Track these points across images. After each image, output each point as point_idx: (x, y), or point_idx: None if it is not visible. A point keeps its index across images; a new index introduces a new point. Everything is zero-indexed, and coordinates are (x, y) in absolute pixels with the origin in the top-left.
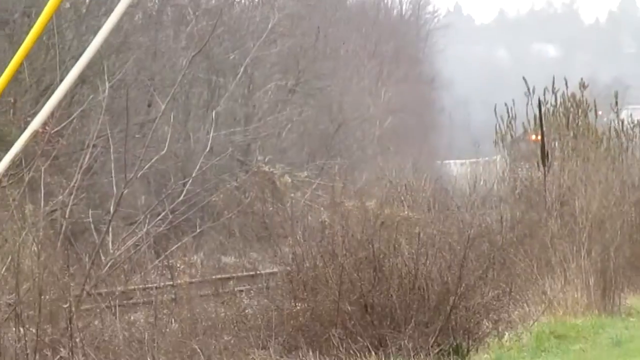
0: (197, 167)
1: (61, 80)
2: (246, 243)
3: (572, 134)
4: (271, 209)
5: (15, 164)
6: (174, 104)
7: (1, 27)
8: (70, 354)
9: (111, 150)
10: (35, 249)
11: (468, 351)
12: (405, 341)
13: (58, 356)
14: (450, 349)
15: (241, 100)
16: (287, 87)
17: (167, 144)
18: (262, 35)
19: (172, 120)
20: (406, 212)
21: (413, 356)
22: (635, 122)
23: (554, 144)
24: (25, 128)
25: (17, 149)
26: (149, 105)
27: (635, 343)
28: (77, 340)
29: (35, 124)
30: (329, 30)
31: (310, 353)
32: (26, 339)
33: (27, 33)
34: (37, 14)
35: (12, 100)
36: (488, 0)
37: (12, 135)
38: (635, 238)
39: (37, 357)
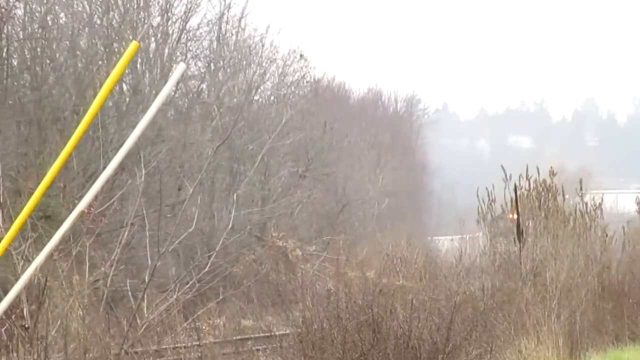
0: (220, 242)
1: (104, 168)
2: (262, 308)
3: (543, 215)
4: (284, 278)
5: (64, 240)
6: (200, 188)
7: (54, 122)
8: None
9: (146, 228)
10: (81, 313)
11: None
12: None
13: None
14: None
15: (258, 184)
16: (298, 173)
17: (194, 223)
18: (276, 128)
19: (199, 202)
20: (401, 281)
21: None
22: (597, 205)
23: (528, 223)
24: (73, 209)
25: (66, 227)
26: (179, 189)
27: None
28: None
29: (82, 205)
30: (334, 124)
31: None
32: None
33: (75, 128)
34: (85, 112)
35: (62, 185)
36: (471, 99)
37: (62, 215)
38: (598, 305)
39: None
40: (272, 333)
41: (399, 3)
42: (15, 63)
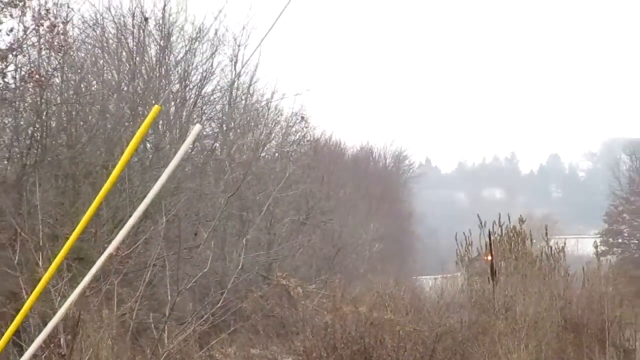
0: (231, 281)
1: (130, 216)
2: (268, 338)
3: (513, 257)
4: (287, 312)
5: (95, 279)
6: (214, 233)
7: (86, 176)
8: None
9: (167, 268)
10: (110, 342)
11: None
12: None
13: None
14: None
15: (264, 230)
16: (299, 220)
17: (208, 264)
18: (280, 181)
19: (212, 245)
20: (389, 315)
21: None
22: (560, 248)
23: (500, 264)
24: (103, 252)
25: (97, 267)
26: (195, 234)
27: None
28: None
29: (111, 248)
30: (331, 177)
31: None
32: None
33: (105, 181)
34: (113, 167)
35: (94, 231)
36: (450, 155)
37: (93, 257)
38: (561, 335)
39: None
40: None
41: (389, 72)
42: (53, 125)
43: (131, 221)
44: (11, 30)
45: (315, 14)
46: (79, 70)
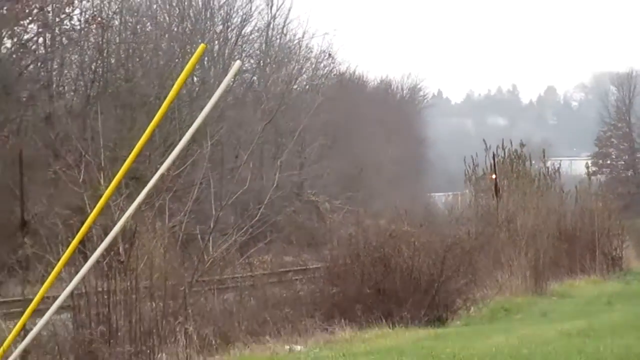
0: (267, 197)
1: (179, 141)
2: (300, 248)
3: (515, 176)
4: (316, 225)
5: (149, 196)
6: (252, 156)
7: (142, 106)
8: (185, 319)
9: (211, 186)
10: (162, 251)
11: (446, 320)
12: (405, 313)
13: (177, 321)
14: (435, 319)
15: (296, 153)
16: (327, 145)
17: (247, 183)
18: (310, 111)
19: (251, 166)
20: (406, 227)
21: (410, 324)
22: (556, 169)
23: (503, 182)
24: (156, 172)
25: (150, 185)
26: (236, 157)
27: (556, 314)
28: (189, 311)
29: (163, 169)
30: (354, 107)
31: (342, 321)
32: (157, 309)
33: (158, 110)
34: (165, 98)
35: (148, 154)
36: (459, 87)
37: (147, 177)
38: (556, 245)
39: (164, 322)
40: (307, 267)
41: (407, 11)
42: (112, 61)
43: (180, 145)
44: None
45: None
46: (135, 14)
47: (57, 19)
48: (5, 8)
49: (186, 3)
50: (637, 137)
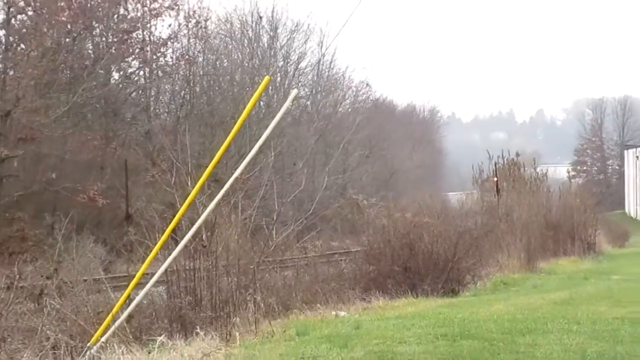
0: (318, 196)
1: (249, 151)
2: (343, 235)
3: (512, 179)
4: (357, 218)
5: (226, 194)
6: (306, 164)
7: (220, 125)
8: (253, 291)
9: (274, 187)
10: (236, 237)
11: (458, 292)
12: (426, 287)
13: (248, 292)
14: (449, 291)
15: (341, 161)
16: (365, 155)
17: (302, 184)
18: (352, 128)
19: (305, 172)
20: (426, 219)
21: (429, 295)
22: (544, 173)
23: (503, 184)
24: (231, 176)
25: (227, 186)
26: (294, 164)
27: (545, 287)
28: (257, 285)
29: (237, 173)
30: (386, 125)
31: (377, 293)
32: (232, 283)
33: (232, 127)
34: (238, 118)
35: (225, 162)
36: (469, 109)
37: (225, 180)
38: (543, 233)
39: (237, 293)
40: (349, 250)
41: (432, 48)
42: (197, 90)
43: (250, 155)
44: (170, 25)
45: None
46: (215, 52)
47: (154, 57)
48: (114, 48)
49: (255, 44)
50: (606, 148)
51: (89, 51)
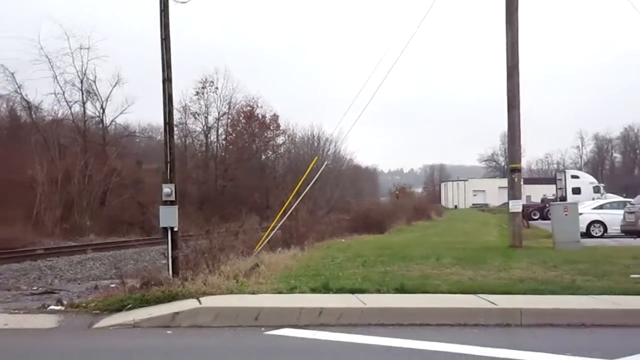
0: (333, 201)
1: (289, 202)
2: (344, 213)
3: (402, 193)
4: (349, 207)
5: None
6: (326, 193)
7: (276, 187)
8: (312, 232)
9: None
10: (304, 214)
11: (384, 232)
12: (373, 230)
13: (309, 233)
14: (381, 232)
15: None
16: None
17: (328, 195)
18: (346, 185)
19: (318, 189)
20: (372, 207)
21: (374, 233)
22: (413, 191)
23: (398, 194)
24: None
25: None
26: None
27: (414, 232)
28: (312, 230)
29: (292, 207)
30: (373, 186)
31: (355, 233)
32: (303, 229)
33: (291, 191)
34: (297, 182)
35: (283, 203)
36: (389, 163)
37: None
38: (413, 212)
39: (305, 233)
40: (346, 218)
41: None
42: (277, 168)
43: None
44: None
45: None
46: (290, 148)
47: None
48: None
49: (309, 140)
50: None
51: None
